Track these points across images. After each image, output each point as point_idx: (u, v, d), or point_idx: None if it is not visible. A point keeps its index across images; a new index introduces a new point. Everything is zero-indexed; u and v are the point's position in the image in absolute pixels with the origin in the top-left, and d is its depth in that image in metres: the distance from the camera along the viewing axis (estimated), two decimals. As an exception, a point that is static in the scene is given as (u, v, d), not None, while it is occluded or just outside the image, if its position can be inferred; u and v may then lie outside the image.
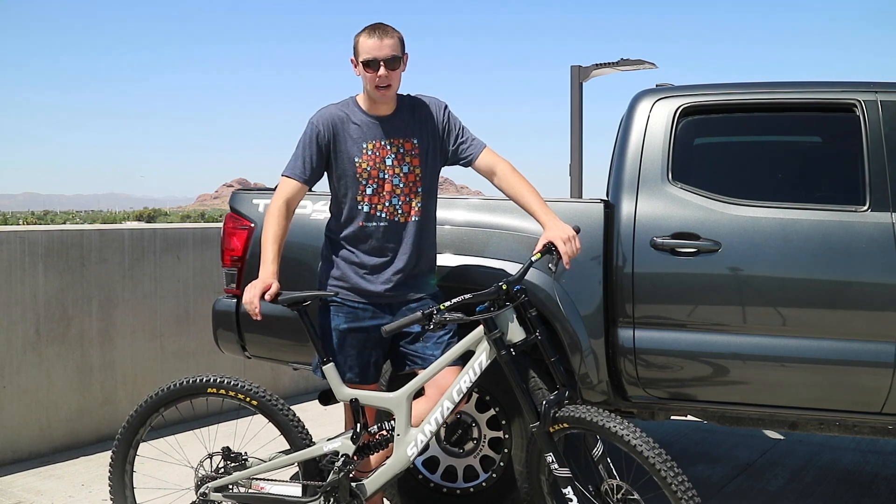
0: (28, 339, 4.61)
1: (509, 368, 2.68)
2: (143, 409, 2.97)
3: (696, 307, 3.27)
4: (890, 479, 4.27)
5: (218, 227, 5.23)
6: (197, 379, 2.93)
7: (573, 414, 2.61)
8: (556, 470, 2.64)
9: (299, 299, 2.84)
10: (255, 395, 2.89)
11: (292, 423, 2.88)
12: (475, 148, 3.07)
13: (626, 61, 8.37)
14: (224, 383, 2.91)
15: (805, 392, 3.23)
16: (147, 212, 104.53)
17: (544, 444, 2.66)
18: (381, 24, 2.94)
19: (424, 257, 3.05)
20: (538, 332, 2.69)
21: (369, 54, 2.88)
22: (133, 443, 3.00)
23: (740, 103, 3.45)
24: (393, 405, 2.83)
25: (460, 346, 2.79)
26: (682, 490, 2.45)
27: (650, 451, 2.48)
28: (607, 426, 2.55)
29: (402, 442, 2.81)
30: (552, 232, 2.83)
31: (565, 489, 2.63)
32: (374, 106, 3.00)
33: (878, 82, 3.33)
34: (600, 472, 2.65)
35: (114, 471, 3.02)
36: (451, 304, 2.64)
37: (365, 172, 2.95)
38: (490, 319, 2.67)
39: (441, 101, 3.10)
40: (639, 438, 2.51)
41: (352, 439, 2.84)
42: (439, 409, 2.78)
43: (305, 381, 6.23)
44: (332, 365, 2.89)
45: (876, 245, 3.11)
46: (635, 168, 3.43)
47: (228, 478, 2.90)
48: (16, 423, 4.55)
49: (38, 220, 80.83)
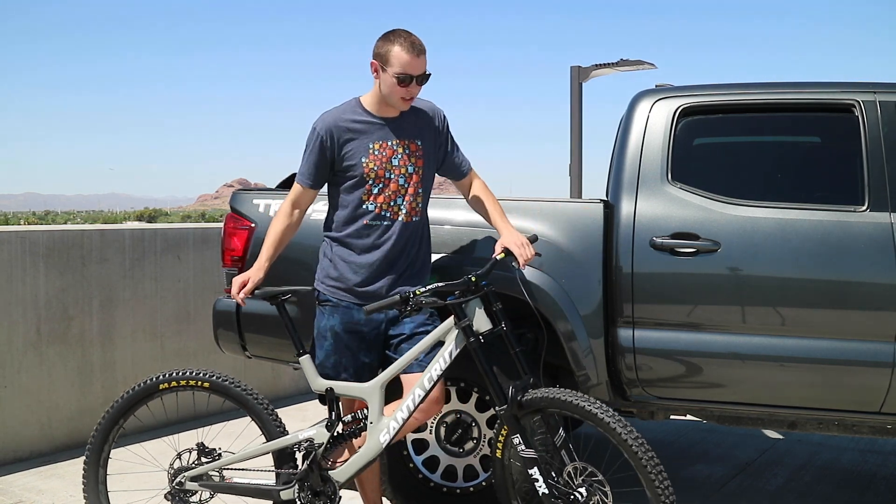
0: (29, 338, 4.62)
1: (477, 355, 2.79)
2: (102, 427, 3.02)
3: (696, 307, 3.28)
4: (889, 479, 4.27)
5: (218, 227, 5.24)
6: (147, 381, 3.01)
7: (543, 394, 2.70)
8: (523, 451, 2.71)
9: (276, 293, 3.01)
10: (205, 378, 2.96)
11: (255, 401, 2.96)
12: (466, 164, 3.22)
13: (626, 62, 8.38)
14: (171, 376, 2.99)
15: (804, 392, 3.24)
16: (148, 212, 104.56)
17: (511, 425, 2.75)
18: (414, 36, 2.92)
19: (421, 258, 3.10)
20: (503, 324, 2.81)
21: (404, 70, 2.88)
22: (101, 461, 3.03)
23: (740, 104, 3.46)
24: (366, 394, 2.93)
25: (431, 337, 2.89)
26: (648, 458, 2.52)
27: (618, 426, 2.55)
28: (575, 403, 2.62)
29: (374, 430, 2.89)
30: (509, 238, 2.99)
31: (531, 469, 2.71)
32: (382, 108, 3.02)
33: (877, 83, 3.33)
34: (562, 456, 2.72)
35: (88, 489, 3.03)
36: (427, 290, 2.76)
37: (372, 172, 2.97)
38: (460, 308, 2.79)
39: (440, 109, 3.15)
40: (606, 413, 2.58)
41: (326, 427, 2.93)
42: (411, 397, 2.86)
43: (306, 381, 6.23)
44: (308, 357, 3.01)
45: (875, 245, 3.12)
46: (635, 168, 3.44)
47: (203, 468, 2.97)
48: (17, 422, 4.56)
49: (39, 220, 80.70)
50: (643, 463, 2.53)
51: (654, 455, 2.55)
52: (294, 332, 3.01)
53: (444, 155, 3.16)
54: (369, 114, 3.02)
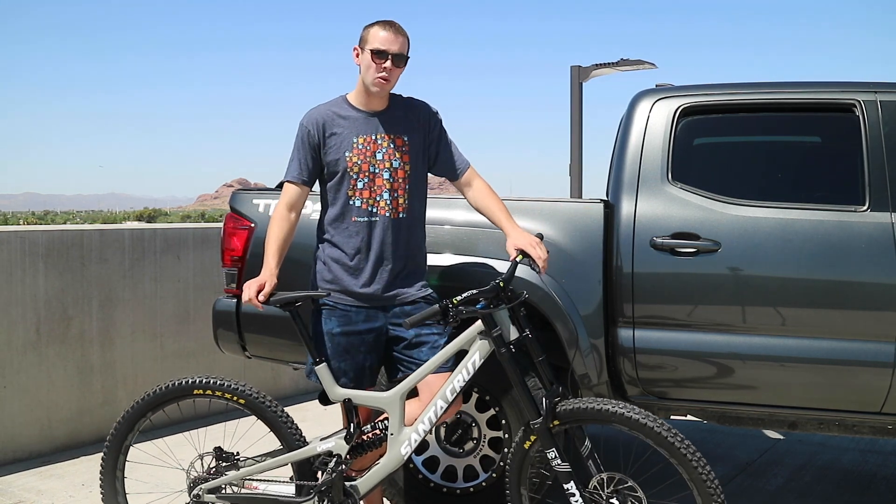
0: (28, 338, 4.61)
1: (510, 365, 2.69)
2: (130, 415, 2.97)
3: (696, 307, 3.27)
4: (889, 479, 4.27)
5: (218, 227, 5.23)
6: (183, 381, 2.93)
7: (579, 406, 2.62)
8: (558, 465, 2.65)
9: (291, 300, 2.86)
10: (243, 394, 2.89)
11: (282, 421, 2.88)
12: (463, 163, 3.13)
13: (626, 61, 8.38)
14: (210, 384, 2.90)
15: (804, 392, 3.23)
16: (147, 212, 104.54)
17: (546, 439, 2.66)
18: (395, 21, 2.96)
19: (414, 258, 3.05)
20: (527, 330, 2.71)
21: (381, 45, 2.90)
22: (122, 448, 3.00)
23: (740, 103, 3.46)
24: (386, 404, 2.84)
25: (453, 346, 2.80)
26: (702, 466, 2.47)
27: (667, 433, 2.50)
28: (620, 413, 2.55)
29: (395, 441, 2.82)
30: (521, 239, 2.89)
31: (567, 484, 2.65)
32: (367, 101, 3.01)
33: (877, 82, 3.33)
34: (590, 467, 2.67)
35: (105, 477, 3.01)
36: (463, 299, 2.65)
37: (355, 166, 2.95)
38: (490, 316, 2.69)
39: (433, 108, 3.12)
40: (653, 421, 2.52)
41: (345, 439, 2.85)
42: (433, 409, 2.79)
43: (305, 382, 6.23)
44: (325, 365, 2.89)
45: (875, 245, 3.12)
46: (635, 168, 3.43)
47: (221, 479, 2.90)
48: (16, 422, 4.56)
49: (39, 220, 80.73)
50: (693, 466, 2.46)
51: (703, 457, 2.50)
52: (310, 339, 2.91)
53: (436, 153, 3.10)
54: (355, 108, 3.01)
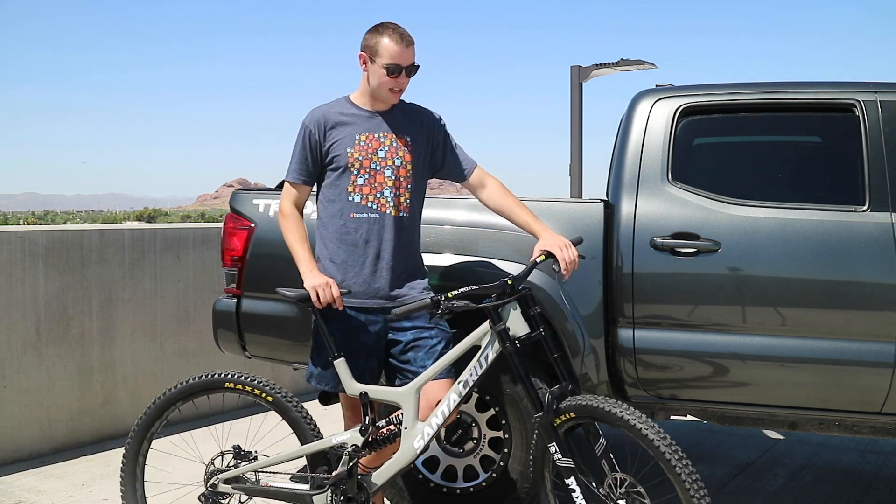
0: (28, 339, 4.61)
1: (514, 360, 2.70)
2: (161, 403, 3.04)
3: (696, 307, 3.27)
4: (889, 479, 4.27)
5: (218, 227, 5.23)
6: (215, 374, 3.01)
7: (579, 402, 2.63)
8: (560, 460, 2.65)
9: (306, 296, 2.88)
10: (271, 392, 2.96)
11: (304, 420, 2.93)
12: (469, 164, 3.13)
13: (626, 61, 8.37)
14: (241, 379, 2.98)
15: (805, 392, 3.23)
16: (147, 212, 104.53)
17: (547, 434, 2.67)
18: (402, 28, 2.93)
19: (412, 258, 3.05)
20: (542, 328, 2.72)
21: (393, 60, 2.88)
22: (148, 435, 3.07)
23: (740, 103, 3.46)
24: (401, 399, 2.86)
25: (467, 341, 2.81)
26: (687, 473, 2.47)
27: (657, 438, 2.49)
28: (613, 412, 2.56)
29: (409, 435, 2.84)
30: (551, 240, 2.90)
31: (568, 479, 2.65)
32: (371, 102, 3.01)
33: (877, 82, 3.33)
34: (604, 466, 2.65)
35: (127, 461, 3.07)
36: (458, 293, 2.66)
37: (357, 162, 2.95)
38: (495, 312, 2.70)
39: (436, 113, 3.13)
40: (645, 424, 2.52)
41: (360, 432, 2.87)
42: (446, 402, 2.80)
43: (305, 382, 6.23)
44: (343, 360, 2.90)
45: (876, 245, 3.11)
46: (635, 168, 3.43)
47: (238, 470, 2.96)
48: (16, 422, 4.56)
49: (39, 220, 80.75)
50: (677, 471, 2.46)
51: (690, 463, 2.50)
52: (329, 336, 2.90)
53: (442, 158, 3.12)
54: (358, 108, 3.02)
